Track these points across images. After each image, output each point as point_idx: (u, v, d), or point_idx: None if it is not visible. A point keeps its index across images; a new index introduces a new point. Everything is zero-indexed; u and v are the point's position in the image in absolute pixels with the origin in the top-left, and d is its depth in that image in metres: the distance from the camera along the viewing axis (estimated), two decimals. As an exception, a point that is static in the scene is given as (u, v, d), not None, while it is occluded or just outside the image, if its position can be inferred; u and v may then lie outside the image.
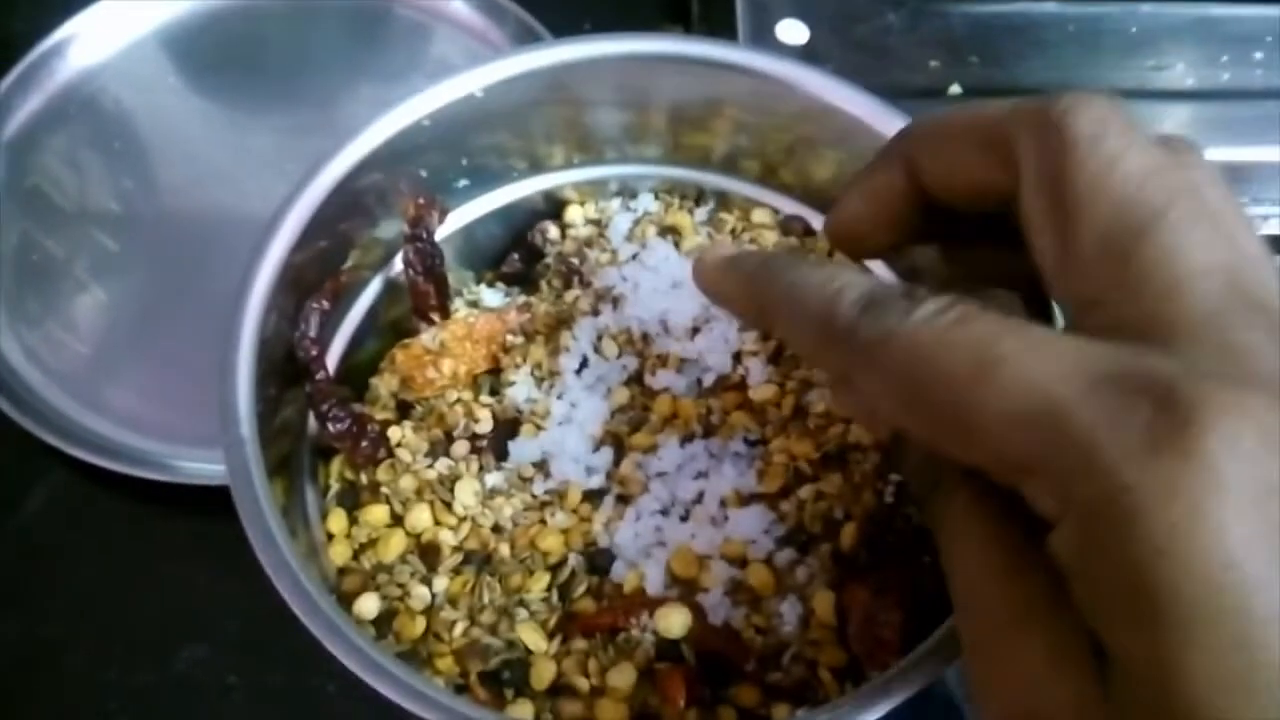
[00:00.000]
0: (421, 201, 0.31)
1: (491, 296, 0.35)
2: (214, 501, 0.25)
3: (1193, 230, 0.18)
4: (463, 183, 0.34)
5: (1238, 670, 0.15)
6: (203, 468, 0.43)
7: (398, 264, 0.33)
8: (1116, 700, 0.16)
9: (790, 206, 0.35)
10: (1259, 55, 0.41)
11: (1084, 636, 0.17)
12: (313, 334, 0.29)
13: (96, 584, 0.45)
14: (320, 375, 0.29)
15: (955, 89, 0.41)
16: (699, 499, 0.30)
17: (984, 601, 0.19)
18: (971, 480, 0.19)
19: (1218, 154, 0.40)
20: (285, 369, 0.30)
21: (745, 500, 0.30)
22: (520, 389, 0.32)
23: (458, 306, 0.34)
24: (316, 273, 0.31)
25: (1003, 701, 0.18)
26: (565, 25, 0.50)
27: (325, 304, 0.29)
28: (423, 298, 0.32)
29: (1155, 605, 0.15)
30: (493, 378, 0.32)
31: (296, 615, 0.24)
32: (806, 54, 0.40)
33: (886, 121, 0.31)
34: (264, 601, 0.25)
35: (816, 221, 0.35)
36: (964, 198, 0.23)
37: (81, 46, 0.55)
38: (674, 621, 0.27)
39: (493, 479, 0.30)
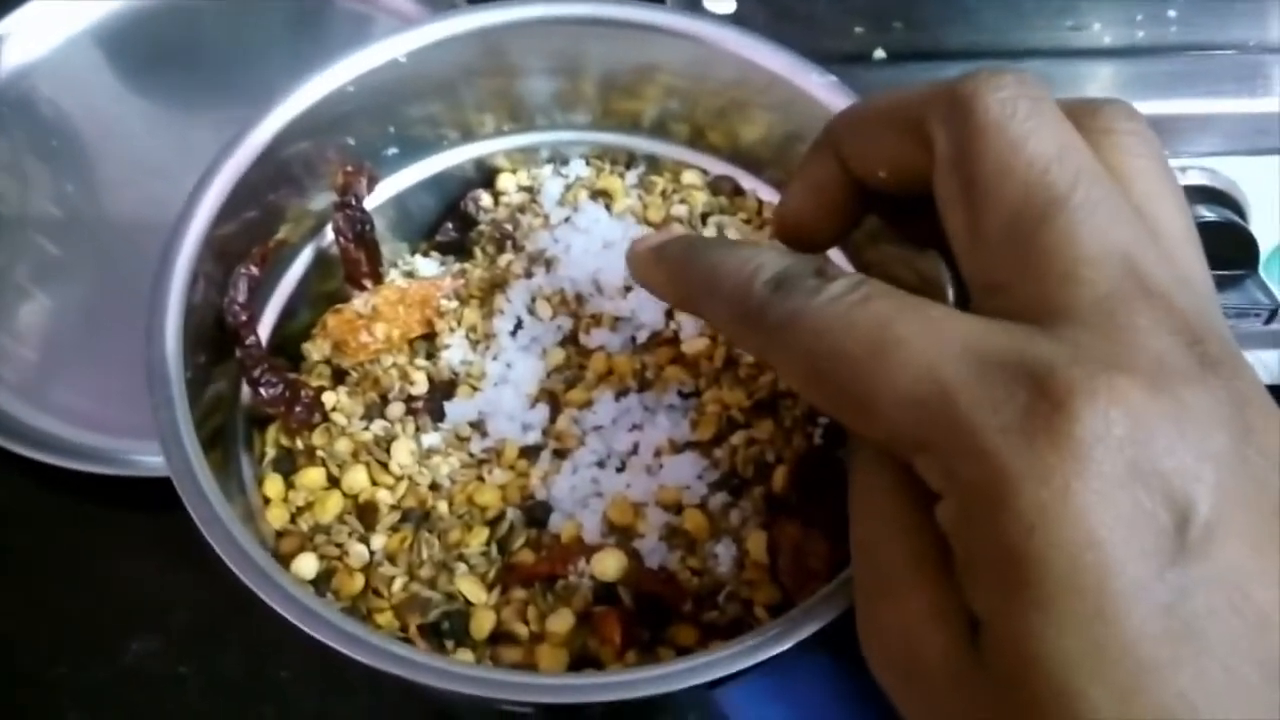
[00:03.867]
0: (350, 169, 0.32)
1: (426, 266, 0.35)
2: (164, 495, 0.25)
3: (1094, 214, 0.19)
4: (392, 151, 0.34)
5: (1093, 642, 0.16)
6: (152, 460, 0.43)
7: (329, 235, 0.33)
8: (984, 663, 0.17)
9: (720, 167, 0.36)
10: (1172, 13, 0.42)
11: (962, 599, 0.18)
12: (241, 299, 0.29)
13: (46, 581, 0.44)
14: (251, 341, 0.29)
15: (879, 54, 0.41)
16: (634, 450, 0.30)
17: (879, 553, 0.20)
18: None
19: (1138, 108, 0.40)
20: (216, 339, 0.30)
21: (679, 449, 0.30)
22: (455, 352, 0.32)
23: (393, 278, 0.34)
24: (245, 243, 0.31)
25: (884, 645, 0.19)
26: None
27: (254, 269, 0.29)
28: (354, 265, 0.32)
29: (1023, 578, 0.16)
30: (428, 342, 0.32)
31: (235, 573, 0.24)
32: (733, 22, 0.40)
33: (816, 83, 0.32)
34: (216, 593, 0.24)
35: (745, 181, 0.36)
36: (892, 182, 0.23)
37: (13, 46, 0.55)
38: (609, 565, 0.27)
39: (429, 439, 0.30)
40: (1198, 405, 0.17)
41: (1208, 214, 0.40)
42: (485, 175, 0.36)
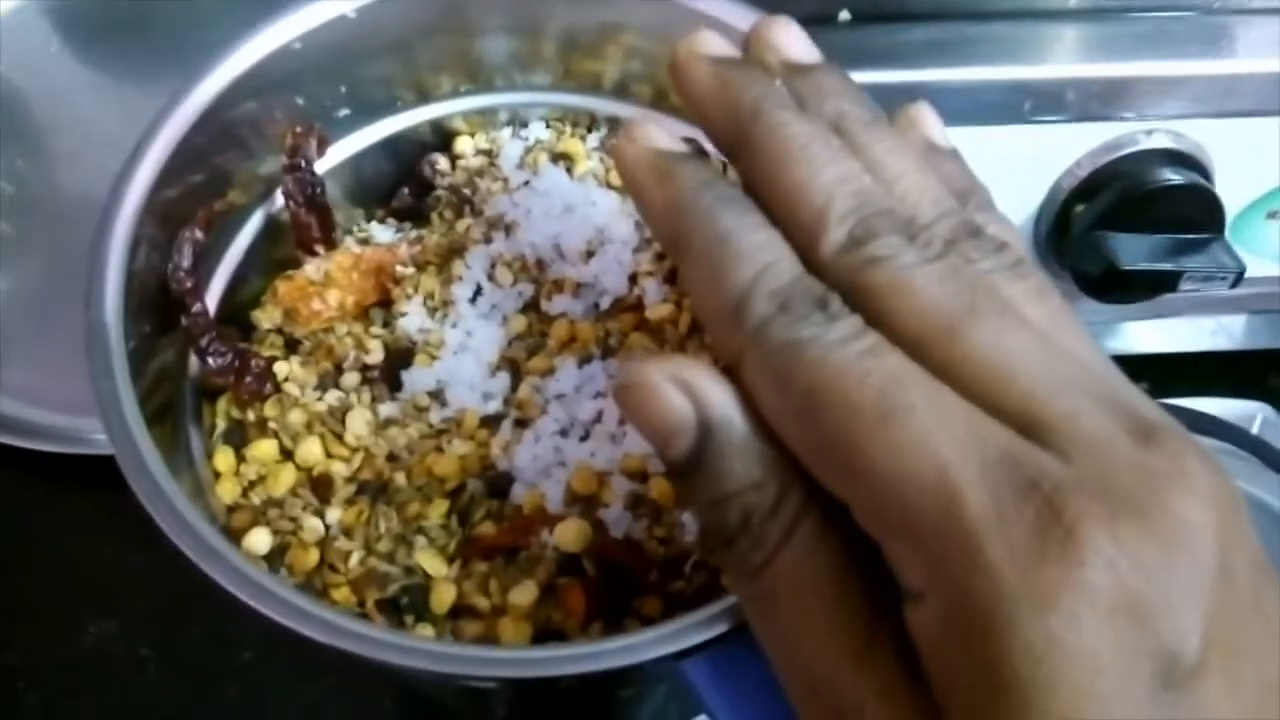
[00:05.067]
0: (298, 129, 0.31)
1: (383, 233, 0.34)
2: (119, 473, 0.24)
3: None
4: (344, 112, 0.33)
5: None
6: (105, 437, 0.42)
7: (280, 200, 0.32)
8: None
9: (683, 129, 0.35)
10: (1139, -27, 0.42)
11: (937, 715, 0.17)
12: (186, 265, 0.28)
13: (-1, 562, 0.43)
14: (197, 309, 0.28)
15: (845, 15, 0.40)
16: (598, 418, 0.29)
17: (835, 684, 0.18)
18: (819, 504, 0.18)
19: (1103, 70, 0.40)
20: (161, 306, 0.28)
21: (644, 416, 0.29)
22: (412, 319, 0.31)
23: (349, 244, 0.33)
24: (191, 208, 0.29)
25: None
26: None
27: (199, 233, 0.28)
28: (305, 230, 0.31)
29: (1022, 707, 0.15)
30: (384, 310, 0.32)
31: (182, 552, 0.24)
32: (697, -18, 0.39)
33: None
34: (176, 572, 0.23)
35: (709, 144, 0.35)
36: None
37: (-41, 20, 0.53)
38: (572, 535, 0.26)
39: (386, 409, 0.30)
40: (1185, 525, 0.16)
41: (1174, 177, 0.40)
42: (442, 138, 0.35)
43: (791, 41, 0.23)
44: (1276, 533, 0.46)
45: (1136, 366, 0.52)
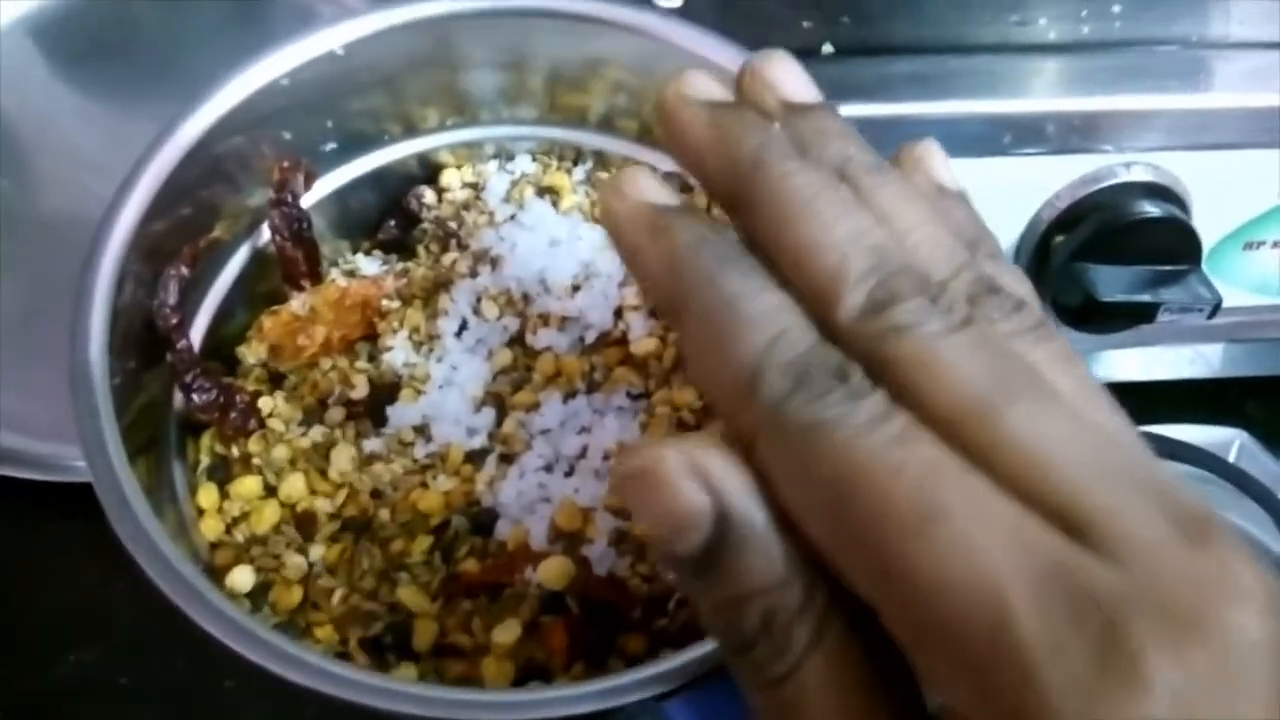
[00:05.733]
0: (285, 164, 0.31)
1: (369, 265, 0.34)
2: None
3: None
4: (331, 146, 0.33)
5: None
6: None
7: (267, 234, 0.32)
8: None
9: (668, 164, 0.35)
10: (1117, 8, 0.42)
11: None
12: (172, 302, 0.28)
13: (-21, 590, 0.43)
14: (182, 345, 0.28)
15: (828, 49, 0.41)
16: (583, 453, 0.29)
17: None
18: (845, 603, 0.17)
19: (1083, 104, 0.41)
20: (147, 342, 0.28)
21: (629, 452, 0.29)
22: (398, 354, 0.31)
23: (334, 277, 0.33)
24: (178, 242, 0.29)
25: None
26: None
27: (184, 270, 0.28)
28: (291, 264, 0.31)
29: None
30: (369, 344, 0.32)
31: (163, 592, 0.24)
32: (682, 16, 0.40)
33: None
34: (156, 600, 0.23)
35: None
36: None
37: (-57, 40, 0.53)
38: (556, 573, 0.27)
39: (371, 444, 0.30)
40: (1244, 642, 0.15)
41: (1152, 210, 0.40)
42: (428, 171, 0.35)
43: (791, 79, 0.21)
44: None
45: (1116, 394, 0.53)
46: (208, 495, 0.29)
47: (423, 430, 0.30)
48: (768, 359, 0.17)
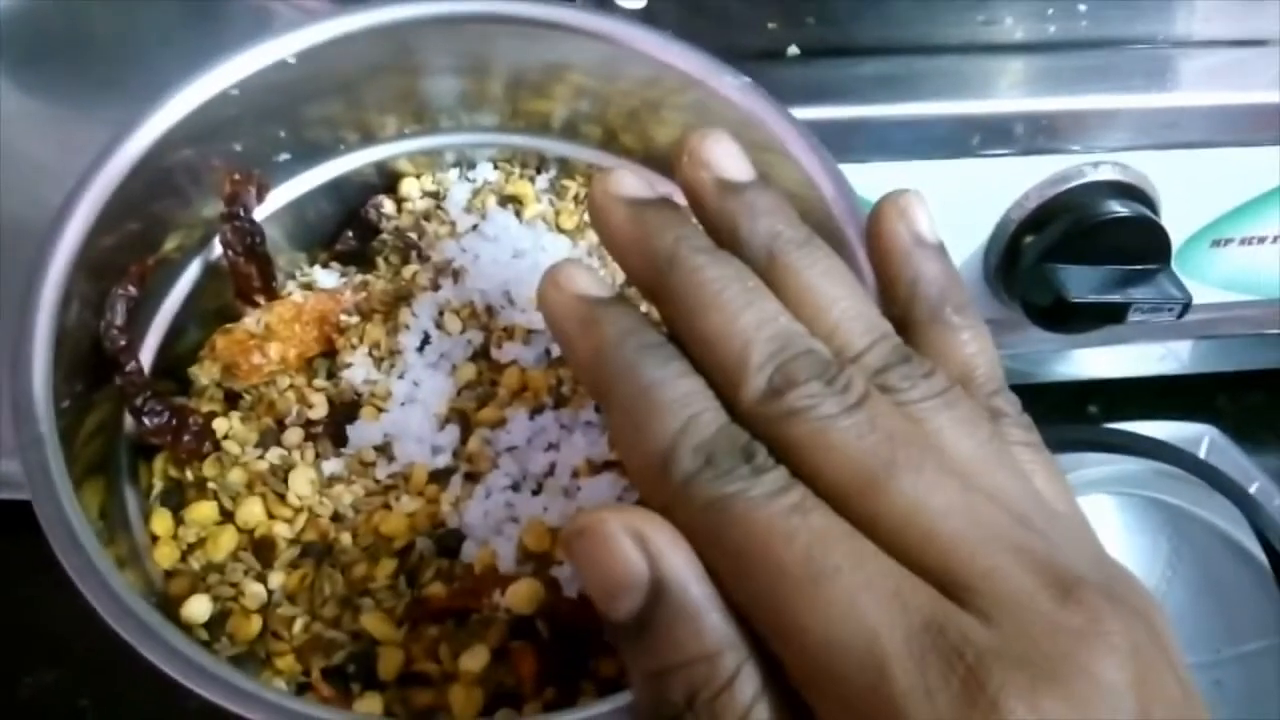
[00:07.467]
0: (237, 177, 0.30)
1: (326, 278, 0.33)
2: None
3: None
4: (284, 156, 0.32)
5: None
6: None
7: (219, 248, 0.31)
8: None
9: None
10: (1082, 7, 0.42)
11: None
12: (119, 323, 0.27)
13: (-69, 613, 0.42)
14: (131, 367, 0.27)
15: (793, 50, 0.40)
16: (550, 471, 0.29)
17: None
18: (780, 677, 0.18)
19: (1050, 104, 0.40)
20: (94, 363, 0.27)
21: (598, 469, 0.29)
22: (358, 370, 0.30)
23: (291, 290, 0.32)
24: (126, 258, 0.28)
25: None
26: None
27: (132, 290, 0.27)
28: (244, 280, 0.30)
29: None
30: (328, 361, 0.31)
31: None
32: (645, 18, 0.39)
33: (730, 84, 0.31)
34: None
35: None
36: None
37: (-117, 43, 0.51)
38: (524, 596, 0.26)
39: (331, 466, 0.29)
40: (1102, 687, 0.16)
41: (1120, 209, 0.40)
42: (387, 180, 0.35)
43: (725, 158, 0.23)
44: (1225, 554, 0.47)
45: (1086, 391, 0.53)
46: (161, 521, 0.28)
47: (384, 450, 0.29)
48: (680, 441, 0.19)
